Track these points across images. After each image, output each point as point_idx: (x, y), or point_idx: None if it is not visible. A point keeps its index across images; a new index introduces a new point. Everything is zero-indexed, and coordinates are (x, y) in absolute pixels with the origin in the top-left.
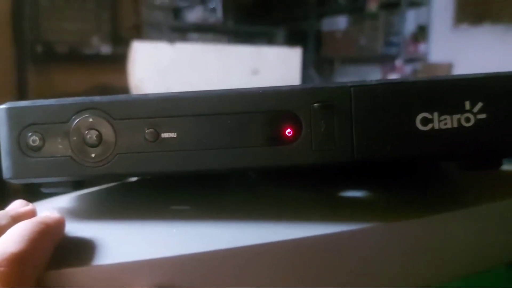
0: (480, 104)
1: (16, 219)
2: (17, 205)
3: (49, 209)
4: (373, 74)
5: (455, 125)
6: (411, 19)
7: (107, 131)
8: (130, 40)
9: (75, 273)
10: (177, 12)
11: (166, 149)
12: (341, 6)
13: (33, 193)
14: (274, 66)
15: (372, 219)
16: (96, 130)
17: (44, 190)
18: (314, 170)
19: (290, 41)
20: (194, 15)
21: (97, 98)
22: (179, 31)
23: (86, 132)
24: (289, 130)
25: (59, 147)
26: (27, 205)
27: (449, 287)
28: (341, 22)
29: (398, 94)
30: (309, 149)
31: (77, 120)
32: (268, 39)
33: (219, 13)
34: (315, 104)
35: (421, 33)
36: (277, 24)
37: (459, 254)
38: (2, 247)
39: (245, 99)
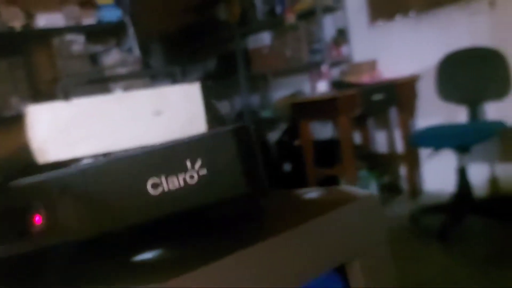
0: (199, 161)
1: None
2: None
3: None
4: (303, 83)
5: (182, 184)
6: (329, 25)
7: None
8: (51, 93)
9: None
10: (94, 58)
11: None
12: (261, 23)
13: None
14: (175, 104)
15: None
16: None
17: None
18: (62, 251)
19: (221, 64)
20: (111, 58)
21: None
22: (99, 78)
23: None
24: (37, 217)
25: None
26: None
27: None
28: (265, 37)
29: (125, 167)
30: (57, 230)
31: None
32: (197, 67)
33: (136, 52)
34: (54, 191)
35: (341, 36)
36: (203, 52)
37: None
38: None
39: None
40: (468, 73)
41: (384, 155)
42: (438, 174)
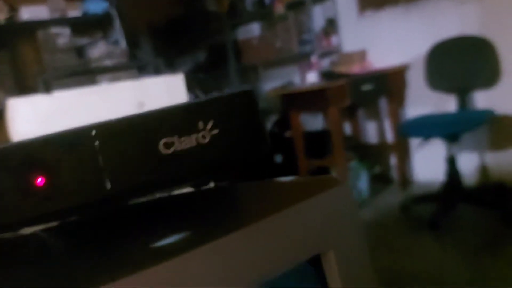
0: (211, 122)
1: None
2: None
3: None
4: (294, 74)
5: (194, 143)
6: (319, 15)
7: None
8: (38, 87)
9: None
10: (80, 51)
11: None
12: (251, 14)
13: None
14: (158, 95)
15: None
16: None
17: None
18: (74, 211)
19: (211, 55)
20: (97, 51)
21: None
22: (85, 70)
23: None
24: (40, 178)
25: None
26: None
27: None
28: (255, 28)
29: (137, 126)
30: (62, 193)
31: None
32: (186, 59)
33: (123, 44)
34: (62, 150)
35: (331, 26)
36: (192, 43)
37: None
38: None
39: None
40: (457, 62)
41: (375, 145)
42: (428, 163)
